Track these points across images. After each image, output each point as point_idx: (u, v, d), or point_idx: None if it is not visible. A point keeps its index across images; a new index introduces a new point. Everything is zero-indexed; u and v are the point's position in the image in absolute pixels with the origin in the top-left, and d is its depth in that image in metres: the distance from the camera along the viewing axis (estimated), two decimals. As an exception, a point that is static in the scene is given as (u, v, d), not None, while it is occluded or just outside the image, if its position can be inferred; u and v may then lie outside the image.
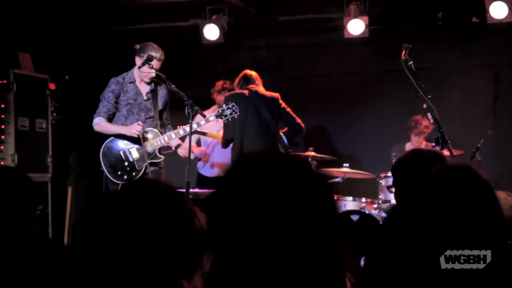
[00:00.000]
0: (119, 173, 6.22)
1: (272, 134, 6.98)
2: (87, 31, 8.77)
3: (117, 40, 8.67)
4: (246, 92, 6.96)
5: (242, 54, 9.01)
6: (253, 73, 7.12)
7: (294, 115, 7.07)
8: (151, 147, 6.24)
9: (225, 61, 9.04)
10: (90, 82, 8.40)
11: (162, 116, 6.49)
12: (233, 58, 9.02)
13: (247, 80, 7.07)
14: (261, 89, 7.06)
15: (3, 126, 7.18)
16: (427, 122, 7.42)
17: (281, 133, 7.04)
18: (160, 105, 6.41)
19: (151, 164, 6.26)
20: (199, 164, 7.95)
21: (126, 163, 6.23)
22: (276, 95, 7.07)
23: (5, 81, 7.21)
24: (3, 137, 7.17)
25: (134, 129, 6.16)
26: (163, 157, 6.33)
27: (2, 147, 7.16)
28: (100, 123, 6.34)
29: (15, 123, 7.21)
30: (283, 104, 7.06)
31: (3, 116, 7.18)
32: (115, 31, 8.86)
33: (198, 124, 6.22)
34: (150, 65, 6.09)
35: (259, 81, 7.10)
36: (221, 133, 7.31)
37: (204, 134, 7.58)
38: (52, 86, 7.72)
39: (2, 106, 7.19)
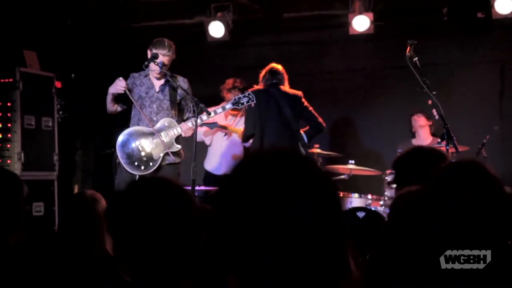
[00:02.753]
0: (136, 164, 6.17)
1: (293, 131, 6.94)
2: (93, 29, 8.78)
3: (122, 38, 8.69)
4: (268, 88, 6.96)
5: (247, 51, 9.01)
6: (279, 67, 7.09)
7: (316, 114, 7.06)
8: (167, 136, 6.21)
9: (230, 58, 9.04)
10: (96, 80, 8.42)
11: (181, 109, 6.41)
12: (238, 55, 9.02)
13: (273, 74, 7.04)
14: (284, 86, 7.05)
15: (9, 125, 7.18)
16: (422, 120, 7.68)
17: (302, 132, 7.02)
18: (177, 96, 6.36)
19: (168, 154, 6.20)
20: (206, 161, 7.94)
21: (143, 153, 6.19)
22: (299, 93, 7.04)
23: (11, 80, 7.21)
24: (9, 135, 7.17)
25: (118, 86, 6.13)
26: (180, 146, 6.27)
27: (8, 146, 7.17)
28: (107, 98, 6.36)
29: (21, 121, 7.21)
30: (306, 103, 7.03)
31: (9, 115, 7.18)
32: (120, 29, 8.87)
33: (210, 114, 6.13)
34: (156, 63, 6.09)
35: (285, 75, 7.08)
36: (241, 128, 7.31)
37: (225, 128, 7.59)
38: (58, 84, 7.71)
39: (8, 104, 7.20)
